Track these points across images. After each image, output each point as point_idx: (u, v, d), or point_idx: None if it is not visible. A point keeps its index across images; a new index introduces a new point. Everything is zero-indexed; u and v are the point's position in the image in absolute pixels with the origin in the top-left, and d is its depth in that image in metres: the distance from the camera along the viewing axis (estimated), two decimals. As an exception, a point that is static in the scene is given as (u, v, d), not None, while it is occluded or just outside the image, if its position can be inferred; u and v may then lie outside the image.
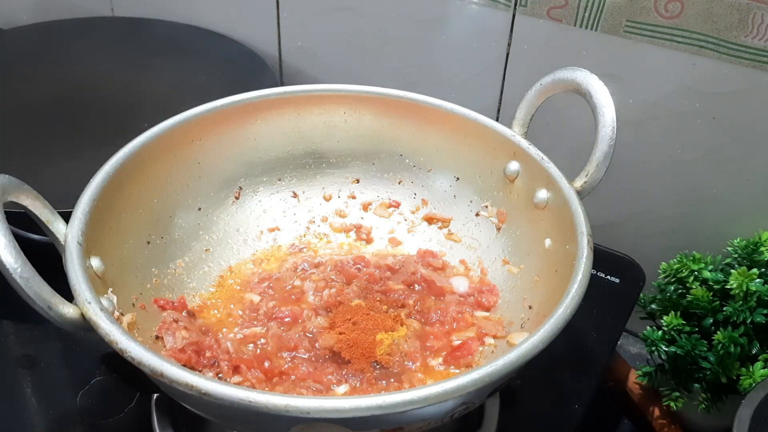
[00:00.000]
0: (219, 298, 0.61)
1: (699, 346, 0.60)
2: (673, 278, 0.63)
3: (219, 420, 0.49)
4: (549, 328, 0.43)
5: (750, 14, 0.61)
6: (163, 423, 0.56)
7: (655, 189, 0.74)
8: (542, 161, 0.58)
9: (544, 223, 0.57)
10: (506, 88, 0.78)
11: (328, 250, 0.66)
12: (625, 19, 0.67)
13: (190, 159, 0.62)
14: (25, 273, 0.41)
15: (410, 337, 0.56)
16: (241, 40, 0.92)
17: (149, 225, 0.59)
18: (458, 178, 0.66)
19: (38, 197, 0.48)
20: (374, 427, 0.42)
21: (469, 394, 0.41)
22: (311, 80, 0.90)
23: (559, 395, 0.63)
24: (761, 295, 0.58)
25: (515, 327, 0.56)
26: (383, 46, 0.83)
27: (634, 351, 0.78)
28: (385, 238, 0.68)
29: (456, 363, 0.55)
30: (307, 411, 0.38)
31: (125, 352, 0.41)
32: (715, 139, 0.68)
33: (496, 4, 0.73)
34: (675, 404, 0.63)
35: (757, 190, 0.69)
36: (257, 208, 0.67)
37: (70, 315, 0.43)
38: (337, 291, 0.59)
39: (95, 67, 0.91)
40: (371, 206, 0.69)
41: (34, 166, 0.72)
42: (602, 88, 0.55)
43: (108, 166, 0.54)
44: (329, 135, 0.68)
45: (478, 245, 0.64)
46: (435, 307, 0.59)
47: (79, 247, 0.47)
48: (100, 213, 0.51)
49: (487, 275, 0.62)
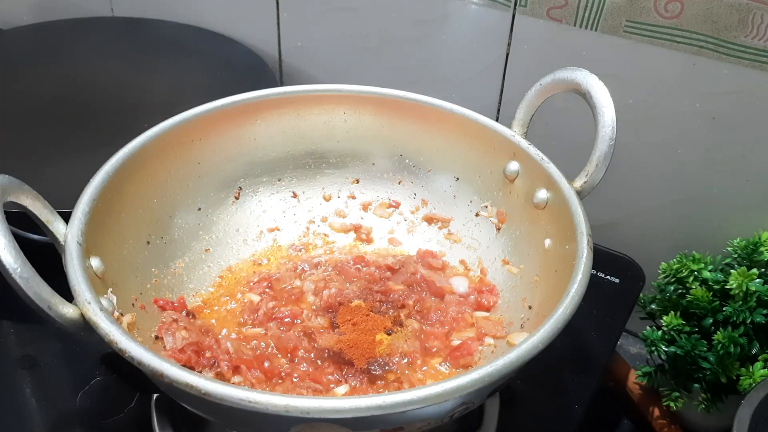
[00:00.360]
0: (219, 298, 0.61)
1: (699, 346, 0.60)
2: (673, 278, 0.63)
3: (219, 420, 0.49)
4: (549, 328, 0.43)
5: (750, 14, 0.61)
6: (163, 423, 0.56)
7: (655, 189, 0.74)
8: (542, 161, 0.58)
9: (544, 223, 0.57)
10: (506, 88, 0.78)
11: (328, 250, 0.66)
12: (625, 19, 0.67)
13: (190, 159, 0.62)
14: (25, 273, 0.41)
15: (410, 337, 0.57)
16: (241, 40, 0.92)
17: (149, 225, 0.59)
18: (458, 178, 0.66)
19: (38, 197, 0.48)
20: (374, 427, 0.42)
21: (469, 394, 0.41)
22: (311, 80, 0.90)
23: (559, 395, 0.62)
24: (761, 295, 0.58)
25: (515, 327, 0.56)
26: (383, 46, 0.83)
27: (634, 351, 0.78)
28: (385, 238, 0.68)
29: (455, 363, 0.55)
30: (307, 411, 0.38)
31: (125, 353, 0.41)
32: (715, 139, 0.68)
33: (496, 4, 0.73)
34: (675, 404, 0.63)
35: (756, 190, 0.69)
36: (257, 208, 0.67)
37: (70, 315, 0.43)
38: (337, 291, 0.59)
39: (95, 67, 0.91)
40: (371, 206, 0.69)
41: (34, 166, 0.72)
42: (602, 88, 0.55)
43: (108, 166, 0.54)
44: (329, 135, 0.68)
45: (477, 245, 0.64)
46: (435, 308, 0.59)
47: (78, 248, 0.47)
48: (100, 213, 0.51)
49: (487, 275, 0.62)
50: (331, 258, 0.64)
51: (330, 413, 0.38)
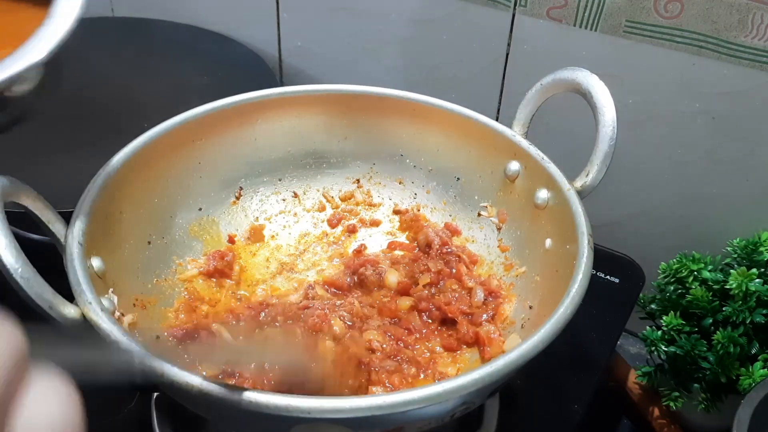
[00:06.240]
0: (219, 299, 0.61)
1: (699, 346, 0.60)
2: (673, 278, 0.63)
3: (219, 420, 0.49)
4: (549, 328, 0.43)
5: (750, 14, 0.61)
6: (163, 423, 0.56)
7: (655, 189, 0.74)
8: (543, 161, 0.58)
9: (545, 223, 0.57)
10: (506, 88, 0.78)
11: (329, 250, 0.67)
12: (625, 19, 0.67)
13: (190, 159, 0.62)
14: (26, 273, 0.41)
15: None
16: (241, 40, 0.92)
17: (150, 225, 0.59)
18: (458, 178, 0.66)
19: (38, 197, 0.48)
20: (374, 427, 0.43)
21: (469, 394, 0.41)
22: (311, 80, 0.90)
23: (559, 395, 0.63)
24: (761, 295, 0.58)
25: (515, 327, 0.56)
26: (383, 46, 0.83)
27: (634, 351, 0.78)
28: (385, 239, 0.68)
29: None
30: (308, 411, 0.38)
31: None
32: (715, 139, 0.68)
33: (496, 4, 0.73)
34: (675, 404, 0.64)
35: (756, 190, 0.69)
36: (258, 208, 0.67)
37: (71, 315, 0.43)
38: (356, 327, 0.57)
39: (95, 67, 0.90)
40: (371, 206, 0.69)
41: (34, 166, 0.72)
42: (602, 88, 0.55)
43: (109, 167, 0.54)
44: (329, 135, 0.68)
45: (478, 245, 0.64)
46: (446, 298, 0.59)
47: (79, 248, 0.47)
48: (100, 213, 0.51)
49: (488, 276, 0.62)
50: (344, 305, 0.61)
51: (330, 413, 0.38)
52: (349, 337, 0.54)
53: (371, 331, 0.55)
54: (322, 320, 0.55)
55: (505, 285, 0.60)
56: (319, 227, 0.68)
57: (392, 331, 0.56)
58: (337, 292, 0.61)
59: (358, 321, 0.57)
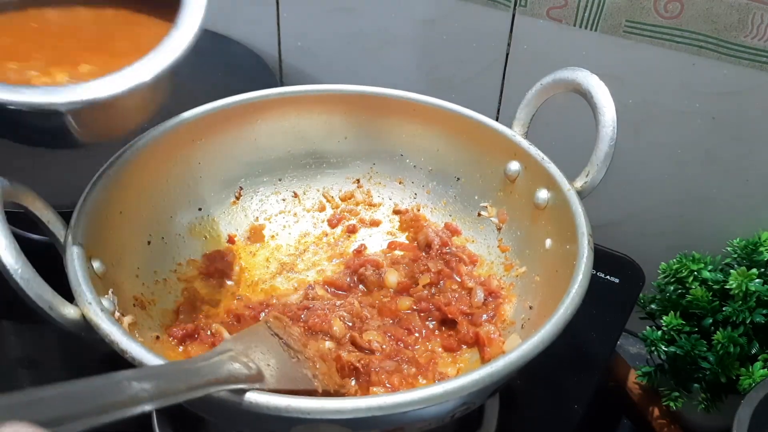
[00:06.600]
0: (219, 299, 0.61)
1: (698, 346, 0.60)
2: (673, 278, 0.63)
3: (219, 420, 0.49)
4: (549, 328, 0.43)
5: (750, 14, 0.61)
6: (163, 423, 0.56)
7: (655, 189, 0.74)
8: (543, 161, 0.58)
9: (545, 223, 0.57)
10: (506, 88, 0.78)
11: (329, 250, 0.67)
12: (625, 19, 0.67)
13: (190, 159, 0.62)
14: (26, 274, 0.41)
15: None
16: (241, 40, 0.92)
17: (150, 225, 0.59)
18: (459, 178, 0.66)
19: (38, 198, 0.48)
20: (375, 428, 0.43)
21: (469, 395, 0.41)
22: (311, 80, 0.90)
23: (559, 395, 0.63)
24: (761, 295, 0.58)
25: (515, 327, 0.56)
26: (383, 46, 0.83)
27: (634, 351, 0.78)
28: (385, 239, 0.68)
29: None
30: (308, 411, 0.38)
31: (126, 353, 0.41)
32: (715, 139, 0.68)
33: (496, 4, 0.73)
34: (674, 404, 0.63)
35: (756, 191, 0.69)
36: (257, 208, 0.67)
37: (71, 316, 0.43)
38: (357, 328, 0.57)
39: (95, 67, 0.90)
40: (371, 206, 0.69)
41: (34, 166, 0.72)
42: (602, 88, 0.55)
43: (108, 167, 0.54)
44: (329, 135, 0.68)
45: (478, 245, 0.64)
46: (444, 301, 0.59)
47: (79, 248, 0.47)
48: (100, 213, 0.51)
49: (488, 276, 0.62)
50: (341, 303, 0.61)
51: (330, 413, 0.38)
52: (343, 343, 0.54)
53: (371, 331, 0.55)
54: (322, 320, 0.55)
55: (505, 285, 0.60)
56: (319, 227, 0.68)
57: (392, 331, 0.56)
58: (337, 293, 0.61)
59: (358, 321, 0.57)
